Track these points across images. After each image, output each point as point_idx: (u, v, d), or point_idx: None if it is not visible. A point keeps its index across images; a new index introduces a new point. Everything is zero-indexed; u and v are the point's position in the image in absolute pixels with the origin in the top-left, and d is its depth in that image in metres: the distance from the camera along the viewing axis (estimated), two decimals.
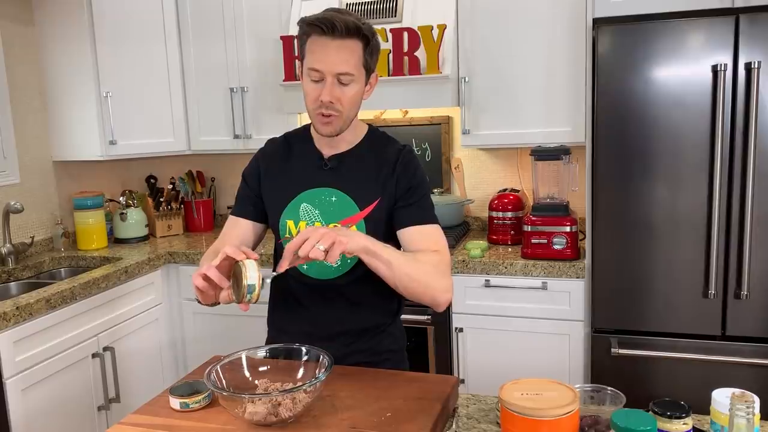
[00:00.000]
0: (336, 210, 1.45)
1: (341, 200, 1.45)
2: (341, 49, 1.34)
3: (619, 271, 2.27)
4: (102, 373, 2.49)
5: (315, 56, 1.35)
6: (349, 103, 1.39)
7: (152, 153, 3.08)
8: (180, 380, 1.38)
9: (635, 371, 2.29)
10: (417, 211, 1.46)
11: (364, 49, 1.37)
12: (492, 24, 2.63)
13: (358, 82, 1.39)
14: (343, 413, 1.23)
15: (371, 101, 2.67)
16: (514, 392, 1.08)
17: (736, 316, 2.17)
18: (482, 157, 3.07)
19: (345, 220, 1.43)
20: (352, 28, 1.33)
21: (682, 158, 2.15)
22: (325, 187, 1.46)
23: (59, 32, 2.92)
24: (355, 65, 1.36)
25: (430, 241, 1.45)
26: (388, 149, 1.50)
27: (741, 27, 2.04)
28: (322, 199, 1.46)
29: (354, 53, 1.35)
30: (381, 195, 1.46)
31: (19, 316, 2.13)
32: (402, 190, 1.46)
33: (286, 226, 1.48)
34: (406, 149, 1.51)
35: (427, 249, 1.43)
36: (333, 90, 1.36)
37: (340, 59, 1.34)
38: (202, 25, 3.04)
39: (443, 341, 2.58)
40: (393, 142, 1.54)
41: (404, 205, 1.46)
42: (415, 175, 1.48)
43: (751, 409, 0.91)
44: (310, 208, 1.46)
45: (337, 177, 1.47)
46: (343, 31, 1.33)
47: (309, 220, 1.46)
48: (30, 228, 2.95)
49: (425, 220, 1.46)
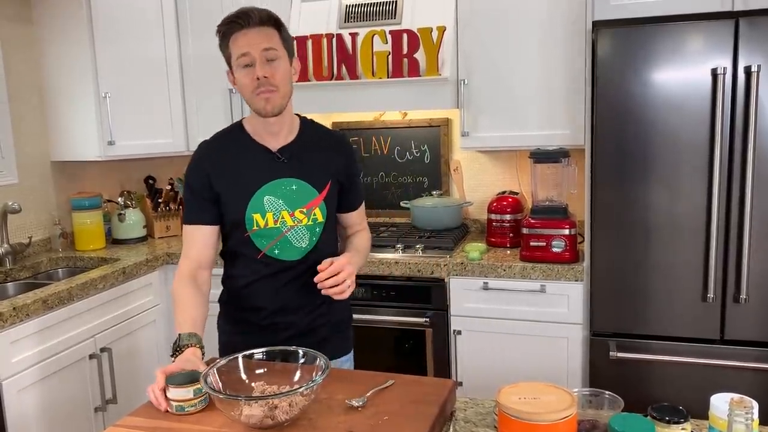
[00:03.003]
0: (297, 197, 1.60)
1: (301, 187, 1.61)
2: (260, 32, 1.51)
3: (618, 274, 2.27)
4: (99, 375, 2.48)
5: (240, 43, 1.51)
6: (281, 79, 1.53)
7: (151, 153, 3.08)
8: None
9: (634, 375, 2.28)
10: (356, 196, 1.76)
11: (280, 34, 1.54)
12: (491, 26, 2.63)
13: (283, 59, 1.54)
14: (340, 416, 1.23)
15: (371, 103, 2.71)
16: (512, 396, 1.08)
17: (734, 320, 2.16)
18: (481, 159, 3.07)
19: (308, 204, 1.61)
20: (265, 18, 1.52)
21: (681, 161, 2.15)
22: (284, 178, 1.60)
23: (58, 32, 2.91)
24: (277, 43, 1.53)
25: (363, 216, 1.82)
26: (329, 137, 1.72)
27: (741, 30, 2.03)
28: (284, 189, 1.60)
29: (273, 36, 1.52)
30: (330, 178, 1.65)
31: (16, 316, 2.12)
32: (347, 176, 1.70)
33: (253, 219, 1.59)
34: (346, 138, 1.78)
35: (362, 226, 1.80)
36: (264, 66, 1.51)
37: (261, 39, 1.50)
38: (201, 26, 3.03)
39: (441, 344, 2.58)
40: (327, 129, 1.76)
41: (347, 191, 1.71)
42: (355, 162, 1.75)
43: (750, 414, 0.91)
44: (273, 199, 1.59)
45: (292, 167, 1.61)
46: (258, 20, 1.50)
47: (275, 210, 1.59)
48: (28, 228, 2.94)
49: (360, 202, 1.79)
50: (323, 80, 2.69)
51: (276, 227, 1.59)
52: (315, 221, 1.61)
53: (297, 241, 1.61)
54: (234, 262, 1.67)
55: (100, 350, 2.49)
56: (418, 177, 3.17)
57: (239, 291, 1.67)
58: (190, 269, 1.61)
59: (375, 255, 2.62)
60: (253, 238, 1.60)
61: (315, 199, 1.61)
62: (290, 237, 1.60)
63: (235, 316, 1.70)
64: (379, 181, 3.22)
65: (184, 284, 1.58)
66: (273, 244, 1.60)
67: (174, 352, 1.43)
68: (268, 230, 1.59)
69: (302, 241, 1.61)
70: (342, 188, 1.69)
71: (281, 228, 1.59)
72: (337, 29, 2.74)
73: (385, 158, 3.21)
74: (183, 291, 1.57)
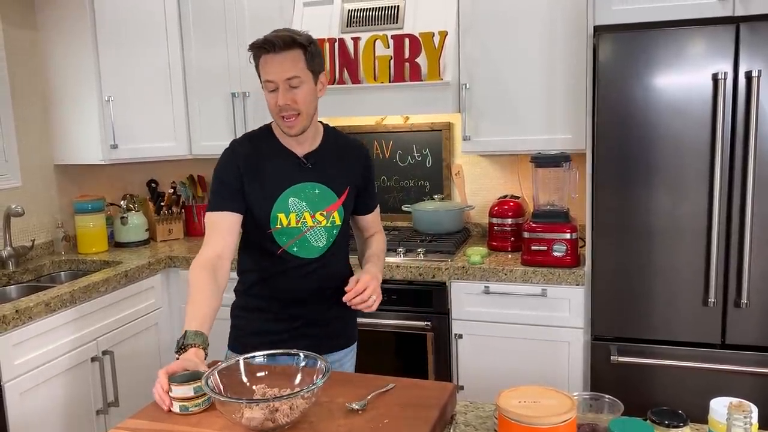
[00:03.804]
0: (319, 200, 1.71)
1: (323, 192, 1.72)
2: (285, 60, 1.59)
3: (619, 278, 2.27)
4: (101, 377, 2.49)
5: (266, 70, 1.61)
6: (303, 102, 1.62)
7: (153, 157, 3.09)
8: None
9: (635, 379, 2.28)
10: (372, 200, 1.88)
11: (305, 56, 1.60)
12: (493, 31, 2.63)
13: (307, 83, 1.62)
14: (340, 419, 1.23)
15: (373, 107, 2.71)
16: (512, 400, 1.08)
17: (735, 325, 2.16)
18: (483, 163, 3.08)
19: (329, 207, 1.72)
20: (288, 42, 1.58)
21: (682, 166, 2.15)
22: (308, 182, 1.71)
23: (62, 36, 2.93)
24: (301, 69, 1.60)
25: (378, 218, 1.93)
26: (350, 146, 1.82)
27: (741, 35, 2.04)
28: (307, 192, 1.70)
29: (296, 60, 1.60)
30: (349, 184, 1.76)
31: (19, 319, 2.13)
32: (364, 182, 1.82)
33: (277, 218, 1.68)
34: (365, 148, 1.86)
35: (377, 227, 1.92)
36: (286, 94, 1.60)
37: (285, 67, 1.59)
38: (203, 30, 3.05)
39: (442, 348, 2.58)
40: (348, 137, 1.84)
41: (364, 195, 1.83)
42: (372, 170, 1.86)
43: (749, 419, 0.91)
44: (297, 200, 1.69)
45: (316, 172, 1.72)
46: (282, 45, 1.58)
47: (298, 211, 1.69)
48: (31, 231, 2.95)
49: (375, 205, 1.90)
50: None
51: (297, 227, 1.69)
52: (333, 223, 1.73)
53: (315, 241, 1.72)
54: (254, 256, 1.76)
55: (102, 353, 2.49)
56: (420, 181, 3.18)
57: (257, 283, 1.76)
58: (211, 258, 1.60)
59: None
60: (275, 236, 1.70)
61: (335, 203, 1.73)
62: (309, 236, 1.71)
63: (251, 304, 1.79)
64: (381, 185, 3.23)
65: (203, 273, 1.57)
66: (293, 242, 1.70)
67: (179, 349, 1.43)
68: (290, 229, 1.69)
69: (320, 240, 1.73)
70: (359, 193, 1.81)
71: (302, 228, 1.70)
72: (339, 34, 2.75)
73: (387, 162, 3.21)
74: (201, 281, 1.55)
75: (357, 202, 1.82)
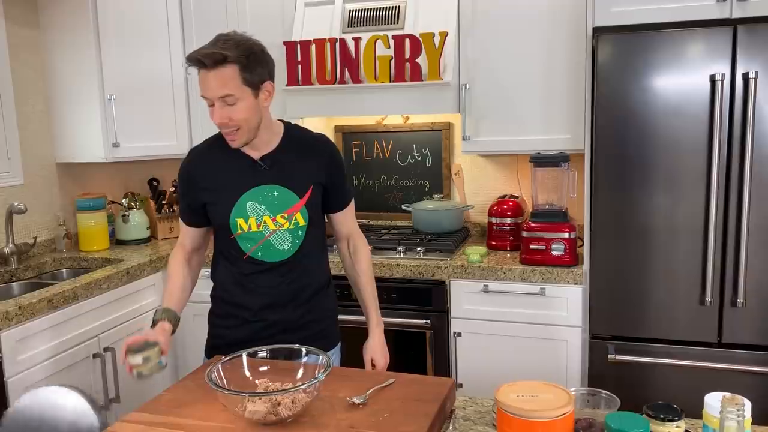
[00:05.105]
0: (279, 202, 1.66)
1: (282, 193, 1.67)
2: (217, 77, 1.52)
3: (617, 277, 2.29)
4: (102, 374, 2.50)
5: (201, 86, 1.56)
6: (242, 118, 1.57)
7: (155, 155, 3.10)
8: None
9: (632, 377, 2.30)
10: (342, 195, 1.80)
11: (240, 71, 1.53)
12: (493, 31, 2.65)
13: (243, 99, 1.56)
14: (341, 413, 1.25)
15: (373, 107, 2.73)
16: (510, 394, 1.10)
17: (732, 324, 2.18)
18: (482, 163, 3.10)
19: (290, 209, 1.67)
20: (219, 59, 1.51)
21: (680, 167, 2.17)
22: (265, 185, 1.66)
23: (64, 35, 2.94)
24: (235, 86, 1.53)
25: (353, 216, 1.87)
26: (313, 142, 1.75)
27: (739, 37, 2.06)
28: (266, 195, 1.66)
29: (230, 78, 1.53)
30: (313, 182, 1.70)
31: (21, 315, 2.15)
32: (331, 178, 1.74)
33: (237, 223, 1.66)
34: (330, 143, 1.78)
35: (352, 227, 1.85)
36: (222, 112, 1.56)
37: (217, 85, 1.53)
38: (205, 29, 3.06)
39: (441, 346, 2.60)
40: (309, 134, 1.78)
41: (331, 191, 1.75)
42: (340, 165, 1.78)
43: (741, 411, 0.93)
44: (255, 205, 1.66)
45: (274, 174, 1.67)
46: (212, 63, 1.51)
47: (257, 216, 1.66)
48: (33, 229, 2.97)
49: (348, 200, 1.83)
50: (326, 84, 2.71)
51: (259, 231, 1.67)
52: (296, 225, 1.68)
53: (279, 244, 1.68)
54: (224, 263, 1.76)
55: (104, 350, 2.51)
56: (420, 180, 3.20)
57: (227, 288, 1.75)
58: (184, 253, 1.80)
59: (376, 257, 2.64)
60: (239, 241, 1.69)
61: (296, 204, 1.68)
62: (273, 240, 1.68)
63: (224, 310, 1.77)
64: (381, 184, 3.25)
65: (178, 265, 1.78)
66: (256, 247, 1.68)
67: (153, 324, 1.61)
68: (252, 234, 1.67)
69: (284, 244, 1.69)
70: (326, 190, 1.74)
71: (264, 232, 1.67)
72: (340, 34, 2.77)
73: (387, 162, 3.23)
74: (175, 270, 1.77)
75: (326, 199, 1.75)
